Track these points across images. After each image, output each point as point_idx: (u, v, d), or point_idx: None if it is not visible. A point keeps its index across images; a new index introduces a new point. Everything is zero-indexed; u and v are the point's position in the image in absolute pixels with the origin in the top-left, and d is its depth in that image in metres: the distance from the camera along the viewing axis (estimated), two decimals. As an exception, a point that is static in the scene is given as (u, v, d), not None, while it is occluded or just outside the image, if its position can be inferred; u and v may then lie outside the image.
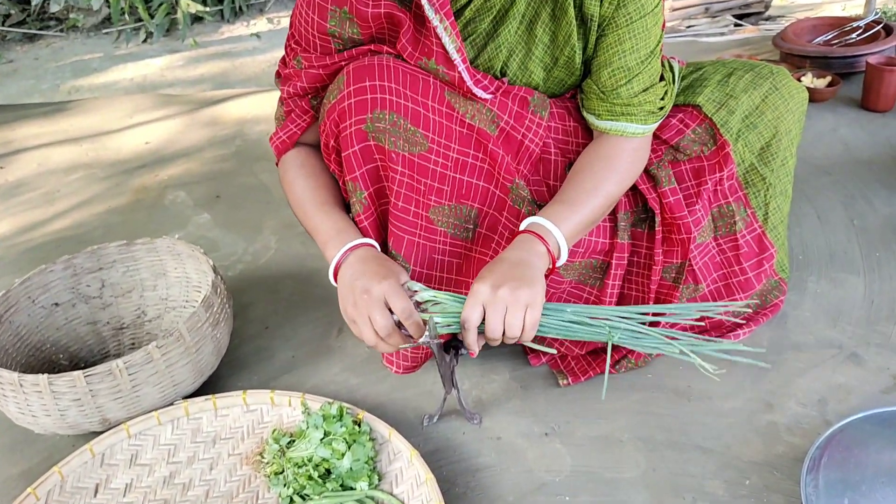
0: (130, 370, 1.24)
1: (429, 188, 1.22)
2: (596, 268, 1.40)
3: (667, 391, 1.34)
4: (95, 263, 1.57)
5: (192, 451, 1.28)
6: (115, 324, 1.61)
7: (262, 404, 1.33)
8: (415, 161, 1.20)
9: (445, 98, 1.20)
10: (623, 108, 1.24)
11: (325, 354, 1.51)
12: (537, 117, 1.29)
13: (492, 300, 1.08)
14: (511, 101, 1.27)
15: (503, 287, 1.07)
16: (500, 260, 1.13)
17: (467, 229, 1.30)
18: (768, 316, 1.44)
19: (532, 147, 1.30)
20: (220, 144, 2.48)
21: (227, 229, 1.98)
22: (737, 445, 1.22)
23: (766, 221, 1.43)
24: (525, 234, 1.17)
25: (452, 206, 1.26)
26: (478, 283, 1.09)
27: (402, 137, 1.17)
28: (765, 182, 1.41)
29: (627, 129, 1.25)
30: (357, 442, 1.20)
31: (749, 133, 1.39)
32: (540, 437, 1.27)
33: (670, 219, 1.37)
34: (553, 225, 1.16)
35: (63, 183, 2.33)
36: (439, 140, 1.21)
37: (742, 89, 1.39)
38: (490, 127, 1.24)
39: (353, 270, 1.15)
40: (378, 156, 1.18)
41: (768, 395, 1.31)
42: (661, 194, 1.36)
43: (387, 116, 1.15)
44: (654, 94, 1.25)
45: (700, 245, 1.40)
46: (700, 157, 1.39)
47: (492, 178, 1.27)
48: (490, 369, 1.43)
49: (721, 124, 1.36)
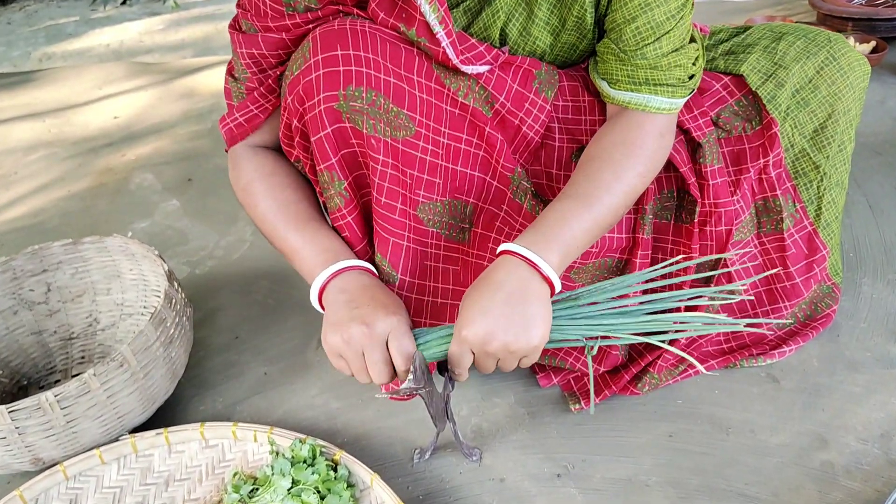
0: (63, 403, 1.04)
1: (416, 181, 1.01)
2: (612, 268, 1.18)
3: (701, 422, 1.13)
4: (38, 265, 1.36)
5: (142, 495, 1.09)
6: (64, 333, 1.40)
7: (223, 439, 1.13)
8: (399, 148, 0.98)
9: (434, 72, 0.98)
10: (648, 73, 1.00)
11: (301, 371, 1.31)
12: (541, 98, 1.06)
13: (481, 353, 0.90)
14: (511, 77, 1.04)
15: (495, 341, 0.89)
16: (491, 287, 0.91)
17: (462, 229, 1.09)
18: (819, 329, 1.23)
19: (531, 135, 1.08)
20: (195, 119, 2.26)
21: (198, 218, 1.77)
22: (786, 493, 1.02)
23: (819, 218, 1.21)
24: (513, 257, 0.93)
25: (446, 203, 1.05)
26: (466, 329, 0.90)
27: (382, 120, 0.95)
28: (818, 171, 1.18)
29: (651, 104, 1.02)
30: (332, 492, 1.00)
31: (800, 111, 1.16)
32: (551, 480, 1.07)
33: (710, 206, 1.14)
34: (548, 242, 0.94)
35: (22, 164, 2.12)
36: (428, 123, 0.99)
37: (793, 58, 1.15)
38: (484, 107, 1.02)
39: (348, 296, 0.94)
40: (355, 140, 0.96)
41: (821, 427, 1.11)
42: (708, 174, 1.13)
43: (364, 94, 0.93)
44: (686, 55, 1.01)
45: (738, 243, 1.19)
46: (741, 137, 1.17)
47: (488, 167, 1.06)
48: (492, 391, 1.22)
49: (768, 99, 1.13)
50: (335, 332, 0.91)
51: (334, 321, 0.92)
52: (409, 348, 0.91)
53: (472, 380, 1.23)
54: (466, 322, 0.90)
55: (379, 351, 0.91)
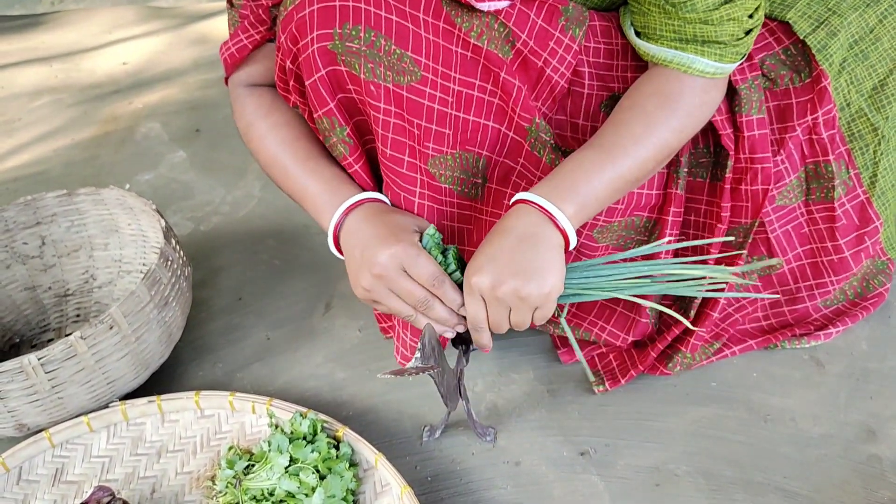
0: (48, 367, 0.97)
1: (425, 132, 0.91)
2: (640, 228, 1.07)
3: (737, 407, 1.04)
4: (32, 217, 1.28)
5: (132, 465, 1.02)
6: (59, 290, 1.33)
7: (220, 409, 1.06)
8: (403, 95, 0.87)
9: (442, 9, 0.87)
10: (698, 28, 0.87)
11: (307, 337, 1.23)
12: (567, 37, 0.94)
13: (492, 300, 0.83)
14: (535, 12, 0.92)
15: (504, 285, 0.82)
16: (502, 233, 0.84)
17: (475, 185, 0.99)
18: (869, 309, 1.13)
19: (556, 78, 0.95)
20: (206, 67, 2.15)
21: (205, 171, 1.68)
22: (829, 489, 0.93)
23: (874, 186, 1.09)
24: (526, 205, 0.86)
25: (457, 155, 0.95)
26: (475, 276, 0.83)
27: (383, 63, 0.85)
28: (876, 134, 1.06)
29: (695, 65, 0.89)
30: (333, 471, 0.93)
31: (857, 65, 1.04)
32: (570, 465, 0.99)
33: (745, 161, 1.03)
34: (563, 194, 0.86)
35: (26, 110, 2.03)
36: (435, 67, 0.88)
37: (850, 5, 1.02)
38: (503, 49, 0.90)
39: (355, 238, 0.89)
40: (352, 87, 0.86)
41: (869, 417, 1.01)
42: (744, 125, 1.01)
43: (362, 34, 0.83)
44: (742, 7, 0.86)
45: (782, 208, 1.08)
46: (787, 90, 1.04)
47: (504, 116, 0.95)
48: (509, 366, 1.14)
49: (818, 49, 1.00)
50: (355, 285, 0.89)
51: (352, 270, 0.90)
52: (426, 269, 0.84)
53: (490, 353, 1.15)
54: (475, 269, 0.84)
55: (403, 287, 0.85)
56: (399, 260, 0.84)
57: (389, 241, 0.85)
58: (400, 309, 0.87)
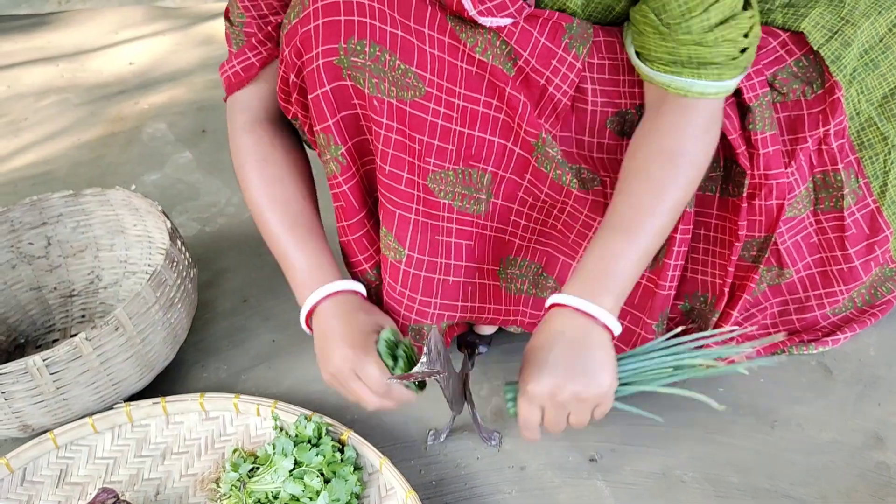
0: (52, 368, 0.97)
1: (427, 147, 0.90)
2: None
3: (744, 413, 1.04)
4: (38, 217, 1.29)
5: (136, 467, 1.02)
6: (64, 290, 1.33)
7: (225, 411, 1.05)
8: (406, 111, 0.87)
9: (448, 24, 0.86)
10: (692, 50, 0.85)
11: (312, 340, 1.22)
12: (571, 55, 0.92)
13: (552, 406, 0.85)
14: (538, 30, 0.90)
15: (563, 391, 0.83)
16: (551, 340, 0.86)
17: (479, 200, 0.97)
18: (878, 316, 1.12)
19: (558, 96, 0.94)
20: (212, 67, 2.16)
21: (211, 172, 1.68)
22: (836, 496, 0.93)
23: (884, 195, 1.08)
24: (566, 310, 0.87)
25: (459, 171, 0.94)
26: (533, 384, 0.85)
27: (387, 78, 0.85)
28: (885, 143, 1.06)
29: (693, 88, 0.87)
30: (337, 475, 0.92)
31: (868, 75, 1.03)
32: (576, 470, 0.99)
33: (759, 177, 1.02)
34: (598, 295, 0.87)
35: (32, 109, 2.03)
36: (440, 83, 0.87)
37: (863, 13, 1.02)
38: (506, 65, 0.90)
39: (320, 331, 0.94)
40: (357, 101, 0.86)
41: (877, 424, 1.01)
42: (759, 142, 0.99)
43: (367, 48, 0.83)
44: (737, 28, 0.84)
45: (792, 219, 1.07)
46: (799, 101, 1.03)
47: (510, 131, 0.93)
48: (516, 370, 1.12)
49: (832, 60, 1.00)
50: (322, 370, 0.94)
51: (318, 355, 0.95)
52: (372, 376, 0.88)
53: (496, 357, 1.14)
54: (531, 377, 0.85)
55: (351, 386, 0.90)
56: (351, 363, 0.89)
57: (345, 343, 0.89)
58: (358, 401, 0.91)
